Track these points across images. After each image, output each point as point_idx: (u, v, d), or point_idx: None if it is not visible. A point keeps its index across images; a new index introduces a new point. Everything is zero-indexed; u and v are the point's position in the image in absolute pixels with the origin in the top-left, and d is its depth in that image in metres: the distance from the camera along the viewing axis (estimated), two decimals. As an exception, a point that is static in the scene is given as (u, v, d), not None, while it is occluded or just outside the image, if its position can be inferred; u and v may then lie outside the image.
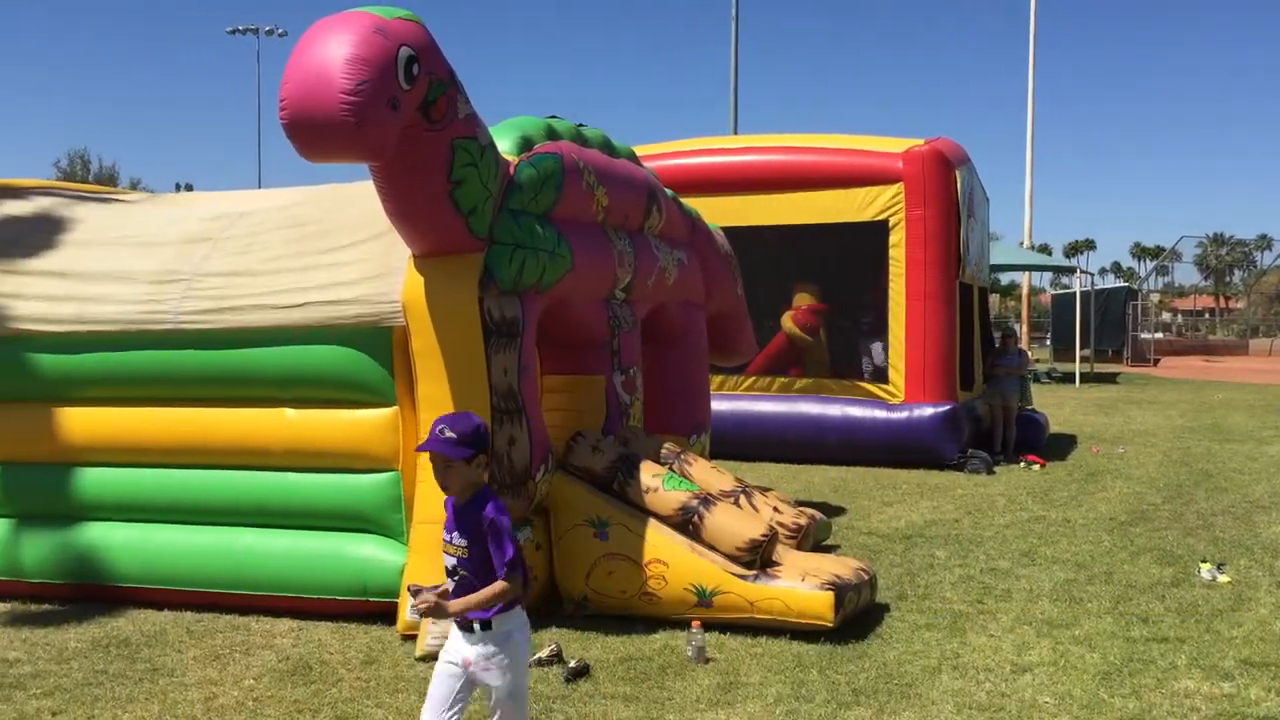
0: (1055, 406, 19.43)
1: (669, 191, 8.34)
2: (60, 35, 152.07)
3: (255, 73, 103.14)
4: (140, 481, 6.79)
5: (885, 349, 12.96)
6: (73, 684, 5.30)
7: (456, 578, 3.87)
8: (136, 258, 7.04)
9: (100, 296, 6.89)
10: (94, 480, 6.88)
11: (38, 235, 7.41)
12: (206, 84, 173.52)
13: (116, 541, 6.77)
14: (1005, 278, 50.13)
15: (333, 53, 5.05)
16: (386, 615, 6.16)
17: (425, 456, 6.11)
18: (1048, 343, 42.22)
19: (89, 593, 6.78)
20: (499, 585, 3.75)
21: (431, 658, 5.54)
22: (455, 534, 3.85)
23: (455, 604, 3.80)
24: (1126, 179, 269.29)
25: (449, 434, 3.80)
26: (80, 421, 6.88)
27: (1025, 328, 35.66)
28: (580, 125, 7.33)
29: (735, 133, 28.63)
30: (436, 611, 3.77)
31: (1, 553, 6.91)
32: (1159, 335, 49.11)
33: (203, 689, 5.21)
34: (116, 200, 8.10)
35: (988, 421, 13.76)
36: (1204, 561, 7.57)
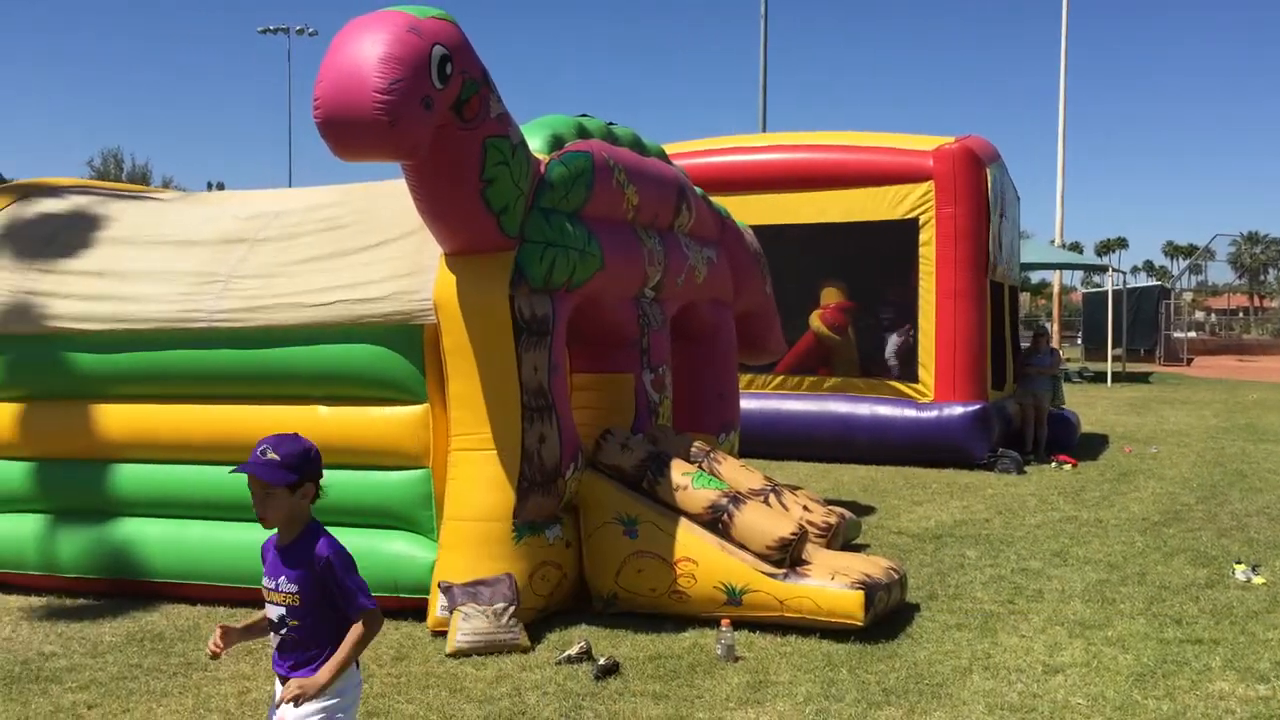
0: (1087, 406, 19.29)
1: (698, 190, 8.34)
2: (93, 36, 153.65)
3: (286, 72, 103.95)
4: (174, 478, 6.86)
5: (902, 347, 12.91)
6: (107, 678, 5.36)
7: (284, 631, 3.37)
8: (174, 258, 7.10)
9: (138, 296, 6.96)
10: (129, 476, 6.95)
11: (74, 233, 7.49)
12: (237, 83, 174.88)
13: (150, 537, 6.83)
14: (1035, 276, 49.82)
15: (367, 52, 5.08)
16: (417, 612, 6.19)
17: (457, 454, 6.19)
18: (1079, 342, 41.91)
19: (123, 587, 6.86)
20: (357, 630, 3.31)
21: (462, 654, 5.59)
22: (281, 578, 3.37)
23: (324, 672, 3.27)
24: (1159, 177, 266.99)
25: (271, 455, 3.34)
26: (116, 418, 6.95)
27: (1056, 327, 35.40)
28: (611, 124, 7.34)
29: (764, 130, 28.57)
30: (303, 695, 3.22)
31: (38, 548, 6.99)
32: (1192, 334, 48.64)
33: (235, 683, 5.26)
34: (151, 199, 8.18)
35: (1018, 421, 13.68)
36: (1238, 563, 7.50)
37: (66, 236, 7.47)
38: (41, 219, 7.63)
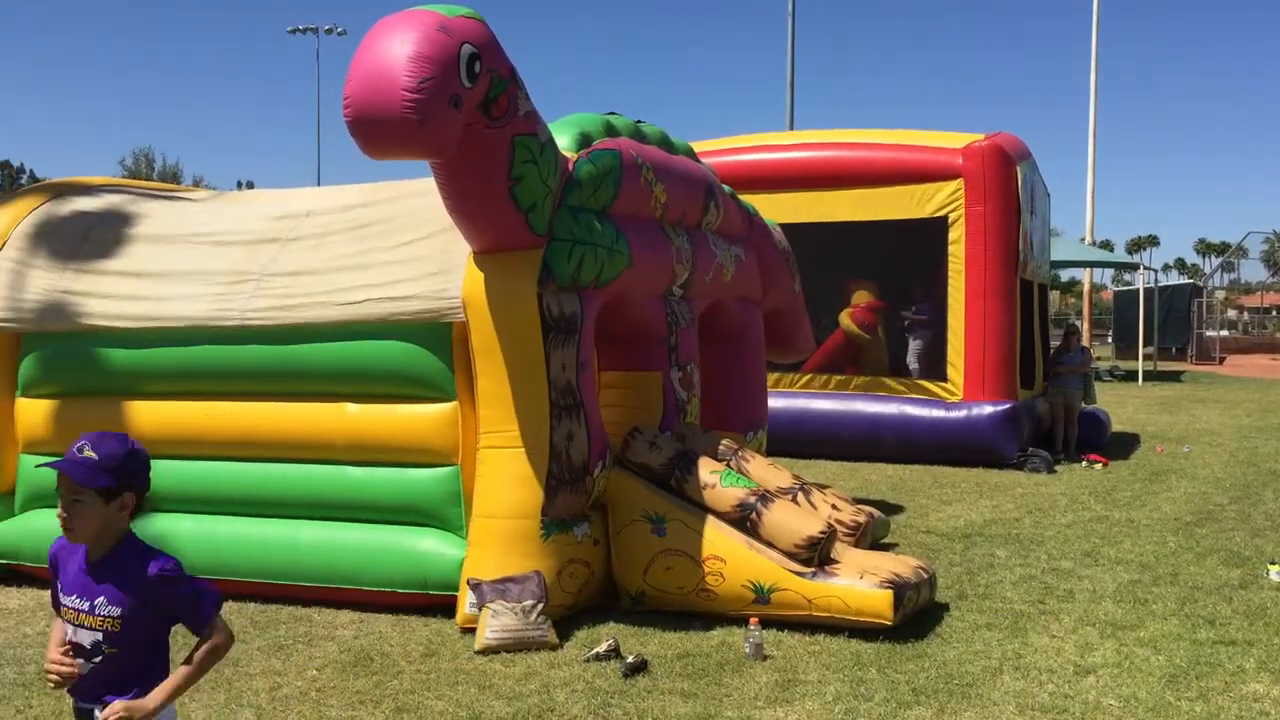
0: (1118, 405, 19.13)
1: (726, 188, 8.33)
2: (123, 36, 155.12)
3: (315, 71, 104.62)
4: (206, 474, 6.92)
5: (923, 349, 12.86)
6: (141, 672, 5.40)
7: (98, 659, 2.95)
8: (208, 257, 7.16)
9: (171, 295, 7.02)
10: (161, 472, 6.98)
11: (108, 232, 7.56)
12: (267, 82, 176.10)
13: (182, 532, 6.88)
14: (1065, 274, 49.43)
15: (396, 51, 5.11)
16: (446, 608, 6.21)
17: (486, 451, 6.21)
18: (1109, 340, 41.56)
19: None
20: (210, 644, 3.01)
21: (491, 651, 5.61)
22: (99, 599, 2.92)
23: (158, 693, 2.92)
24: (1191, 174, 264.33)
25: (88, 453, 2.90)
26: (148, 415, 7.02)
27: (1087, 325, 35.13)
28: (639, 122, 7.34)
29: (792, 128, 28.50)
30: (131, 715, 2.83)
31: (72, 543, 7.06)
32: (1224, 333, 48.11)
33: (267, 678, 5.30)
34: (183, 198, 8.25)
35: (1048, 420, 13.59)
36: (1272, 563, 7.41)
37: (100, 235, 7.54)
38: (75, 217, 7.71)
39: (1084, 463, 12.69)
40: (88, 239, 7.52)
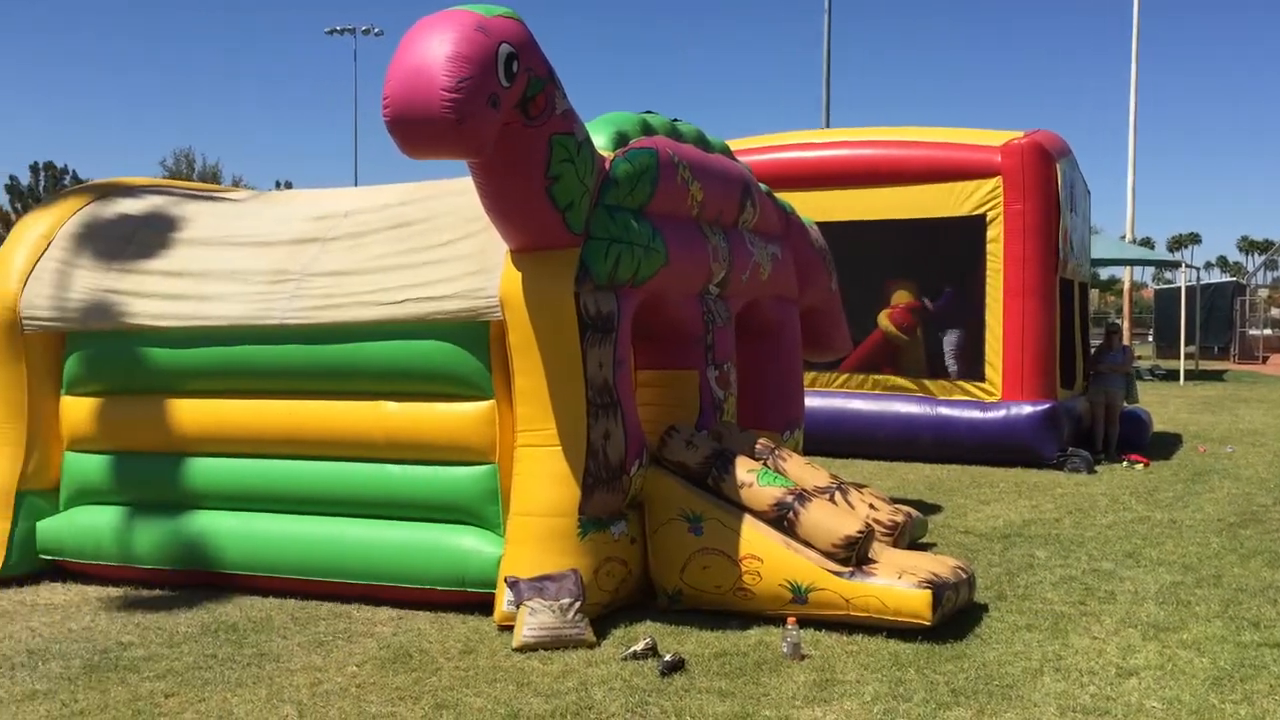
0: (1159, 405, 18.91)
1: (763, 186, 8.31)
2: (161, 39, 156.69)
3: (352, 72, 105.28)
4: (247, 471, 6.99)
5: (959, 345, 12.77)
6: (183, 667, 5.47)
7: None
8: (249, 257, 7.23)
9: (215, 295, 7.09)
10: (202, 470, 7.10)
11: (151, 233, 7.65)
12: (305, 83, 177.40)
13: (223, 529, 6.96)
14: (1104, 272, 48.96)
15: (435, 51, 5.13)
16: (484, 606, 6.23)
17: (523, 449, 6.23)
18: (1150, 339, 41.11)
19: (197, 579, 6.99)
20: None
21: (529, 649, 5.63)
22: None
23: None
24: (1233, 171, 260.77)
25: None
26: (190, 413, 7.10)
27: (1127, 324, 34.76)
28: (675, 120, 7.33)
29: (828, 126, 28.38)
30: None
31: (115, 539, 7.16)
32: (1268, 331, 47.37)
33: (308, 674, 5.34)
34: (224, 199, 8.33)
35: (1088, 420, 13.46)
36: (1319, 566, 7.31)
37: (144, 235, 7.63)
38: (119, 218, 7.80)
39: (1125, 463, 12.56)
40: (131, 239, 7.62)
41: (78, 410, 7.40)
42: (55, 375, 7.48)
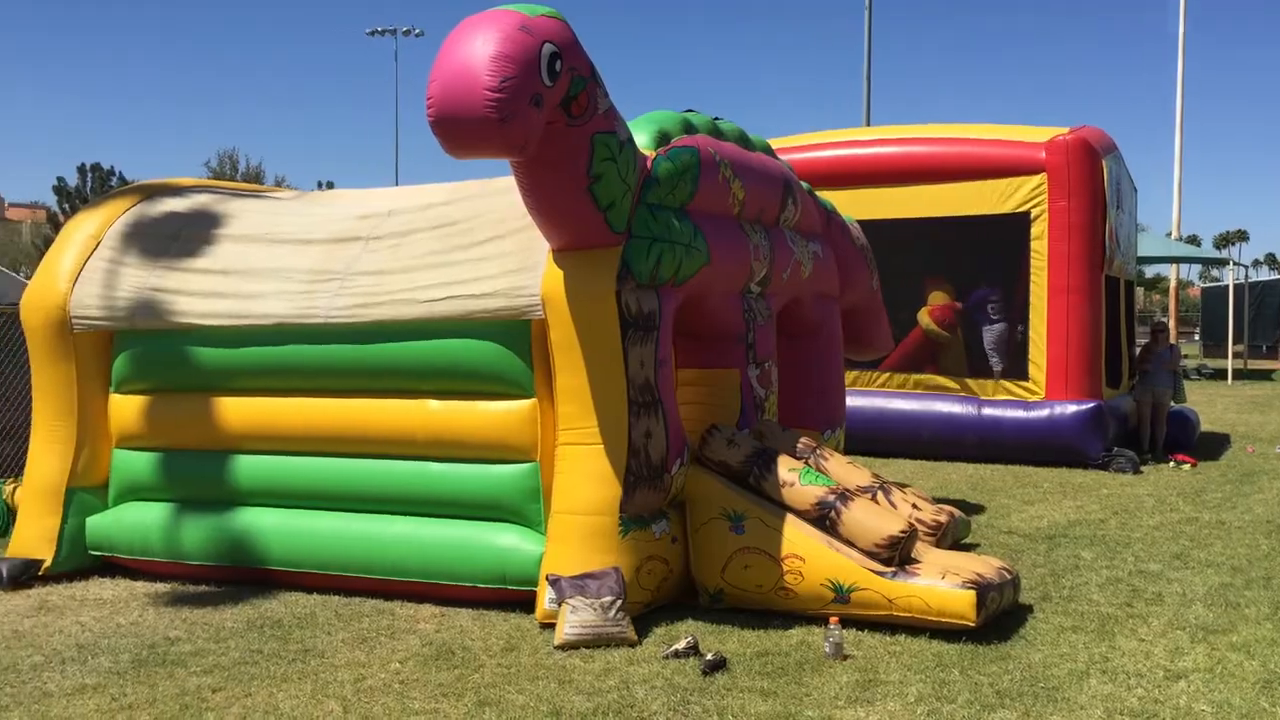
0: (1206, 404, 18.66)
1: (804, 184, 8.28)
2: (202, 40, 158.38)
3: (394, 73, 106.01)
4: (291, 469, 7.05)
5: (1001, 338, 12.64)
6: (230, 662, 5.53)
7: None
8: (293, 256, 7.29)
9: (259, 294, 7.16)
10: (247, 467, 7.17)
11: (197, 232, 7.73)
12: (346, 84, 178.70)
13: (268, 526, 7.03)
14: (1150, 270, 48.36)
15: (478, 50, 5.16)
16: (525, 603, 6.26)
17: (565, 448, 6.24)
18: (1196, 338, 40.55)
19: (242, 575, 7.07)
20: None
21: (570, 646, 5.64)
22: None
23: None
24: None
25: None
26: (235, 410, 7.17)
27: (1173, 322, 34.28)
28: (716, 119, 7.32)
29: (868, 123, 28.21)
30: None
31: (163, 535, 7.25)
32: (1319, 330, 46.59)
33: (352, 670, 5.39)
34: (268, 198, 8.41)
35: (1134, 419, 13.30)
36: (1373, 568, 7.18)
37: (189, 234, 7.72)
38: (166, 218, 7.90)
39: (1172, 463, 12.39)
40: (177, 239, 7.71)
41: (126, 408, 7.50)
42: (104, 374, 7.59)
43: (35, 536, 7.40)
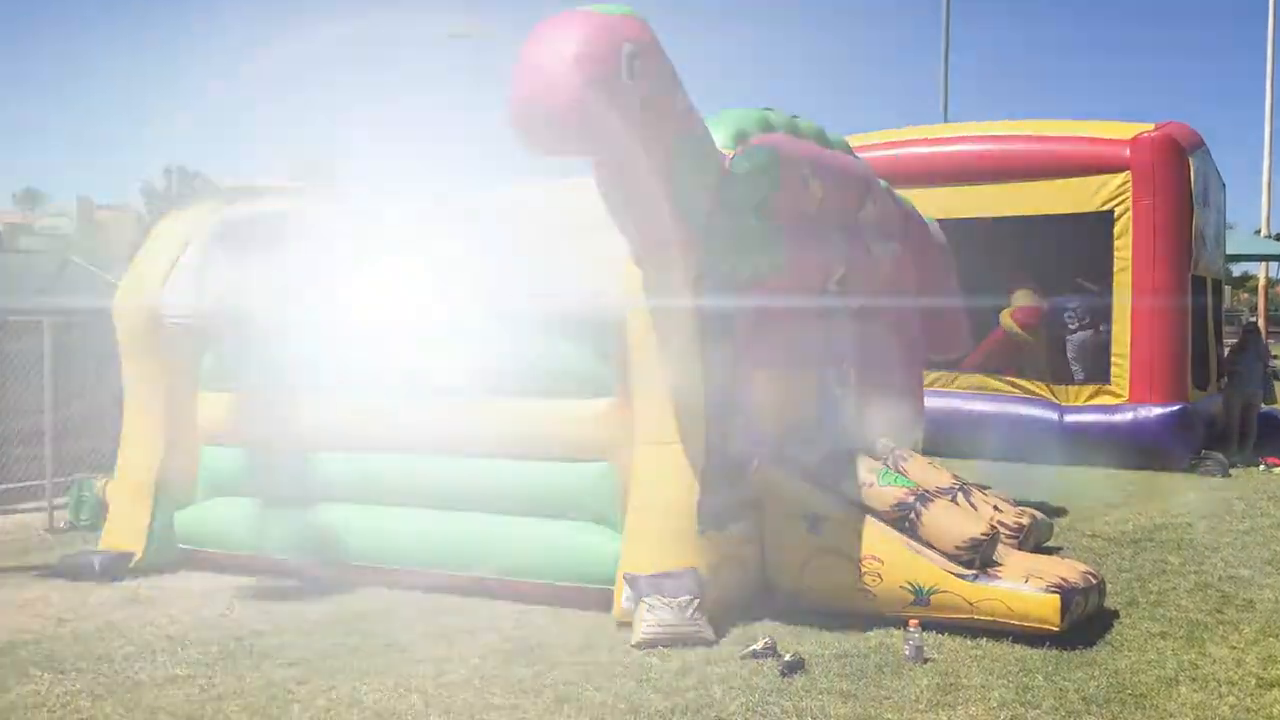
0: (1297, 407, 18.10)
1: (883, 183, 8.20)
2: (276, 46, 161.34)
3: (468, 75, 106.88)
4: (374, 467, 7.15)
5: (1085, 348, 12.41)
6: (314, 655, 5.63)
7: None
8: (375, 255, 7.39)
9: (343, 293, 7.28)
10: (331, 465, 7.29)
11: (284, 233, 7.87)
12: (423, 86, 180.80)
13: (351, 523, 7.14)
14: (1237, 268, 47.11)
15: (559, 50, 5.19)
16: (603, 601, 6.27)
17: (643, 448, 6.25)
18: (1287, 338, 39.36)
19: (327, 570, 7.18)
20: None
21: (648, 645, 5.64)
22: None
23: None
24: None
25: None
26: (320, 410, 7.29)
27: (1263, 322, 33.34)
28: (795, 117, 7.28)
29: (945, 120, 27.84)
30: None
31: (249, 530, 7.39)
32: None
33: (433, 665, 5.45)
34: (349, 199, 8.53)
35: (1223, 421, 12.96)
36: None
37: (275, 235, 7.86)
38: (252, 219, 8.06)
39: (1262, 466, 12.06)
40: (264, 240, 7.86)
41: (214, 406, 7.67)
42: (193, 371, 7.77)
43: (126, 530, 7.61)
